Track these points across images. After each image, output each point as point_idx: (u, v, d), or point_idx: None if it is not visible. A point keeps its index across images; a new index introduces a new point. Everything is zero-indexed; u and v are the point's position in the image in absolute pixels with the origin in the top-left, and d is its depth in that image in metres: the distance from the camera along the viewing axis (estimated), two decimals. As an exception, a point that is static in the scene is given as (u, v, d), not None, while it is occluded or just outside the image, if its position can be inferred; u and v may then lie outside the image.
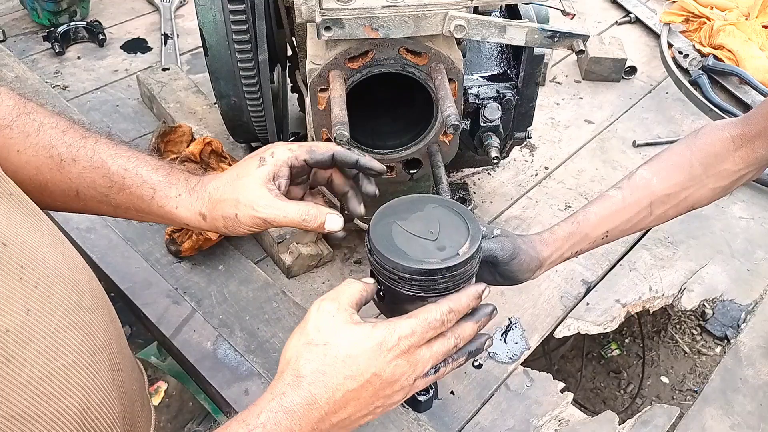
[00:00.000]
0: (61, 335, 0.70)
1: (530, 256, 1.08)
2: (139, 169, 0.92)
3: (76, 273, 0.77)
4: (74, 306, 0.73)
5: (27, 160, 0.90)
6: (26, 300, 0.67)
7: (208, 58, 1.36)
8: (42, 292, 0.69)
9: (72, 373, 0.70)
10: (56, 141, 0.91)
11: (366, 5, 1.02)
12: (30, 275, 0.68)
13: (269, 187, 0.87)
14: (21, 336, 0.65)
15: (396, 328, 0.78)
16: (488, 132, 1.34)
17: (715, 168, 1.12)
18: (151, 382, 2.39)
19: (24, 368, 0.64)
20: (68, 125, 0.93)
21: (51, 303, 0.70)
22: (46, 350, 0.67)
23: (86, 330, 0.74)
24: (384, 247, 0.93)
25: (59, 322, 0.70)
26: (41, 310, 0.68)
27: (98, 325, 0.77)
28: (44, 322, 0.68)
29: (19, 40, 2.17)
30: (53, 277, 0.72)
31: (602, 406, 2.10)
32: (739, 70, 2.06)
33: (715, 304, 1.51)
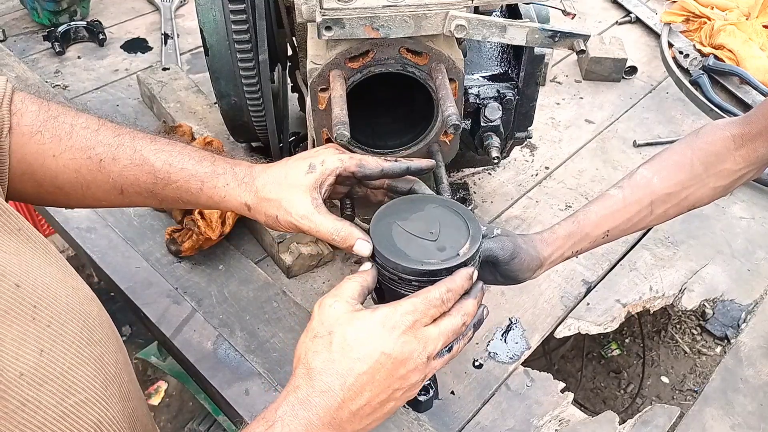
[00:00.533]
0: (74, 373, 0.69)
1: (531, 256, 1.08)
2: (184, 163, 0.93)
3: (86, 306, 0.76)
4: (86, 341, 0.72)
5: (65, 164, 0.90)
6: (39, 341, 0.65)
7: (209, 57, 1.36)
8: (54, 330, 0.68)
9: (84, 409, 0.69)
10: (92, 141, 0.91)
11: (366, 5, 1.01)
12: (42, 314, 0.67)
13: (313, 195, 0.90)
14: (35, 378, 0.63)
15: (397, 307, 0.79)
16: (489, 132, 1.34)
17: (715, 167, 1.12)
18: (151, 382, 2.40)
19: (39, 411, 0.63)
20: (99, 123, 0.92)
21: (63, 341, 0.69)
22: (59, 390, 0.66)
23: (98, 364, 0.73)
24: (384, 248, 0.93)
25: (72, 359, 0.69)
26: (54, 350, 0.67)
27: (109, 357, 0.76)
28: (57, 361, 0.67)
29: (19, 39, 2.17)
30: (65, 314, 0.71)
31: (602, 406, 2.10)
32: (740, 70, 2.06)
33: (715, 304, 1.51)
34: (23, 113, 0.89)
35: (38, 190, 0.88)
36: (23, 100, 0.90)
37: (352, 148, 1.22)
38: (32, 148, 0.88)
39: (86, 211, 1.52)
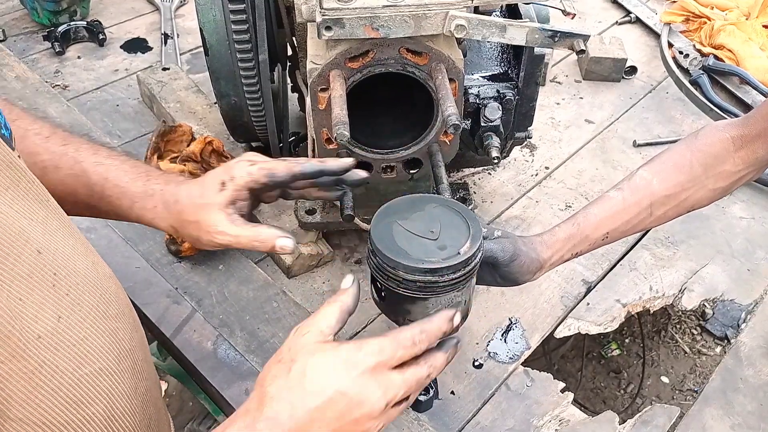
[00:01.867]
0: (90, 342, 0.70)
1: (530, 258, 1.08)
2: (118, 179, 0.94)
3: (104, 281, 0.78)
4: (102, 314, 0.74)
5: None
6: (58, 307, 0.67)
7: (209, 57, 1.36)
8: (73, 299, 0.70)
9: (99, 380, 0.70)
10: (40, 148, 0.91)
11: (366, 5, 1.02)
12: (62, 283, 0.69)
13: (227, 212, 0.92)
14: (52, 342, 0.65)
15: (362, 345, 0.75)
16: (489, 132, 1.34)
17: (715, 169, 1.12)
18: (151, 382, 2.38)
19: (55, 375, 0.65)
20: (51, 131, 0.93)
21: (81, 310, 0.70)
22: (75, 357, 0.68)
23: (113, 338, 0.74)
24: (385, 247, 0.93)
25: (88, 329, 0.71)
26: (71, 318, 0.69)
27: (124, 333, 0.77)
28: (74, 329, 0.68)
29: (19, 39, 2.17)
30: (83, 285, 0.72)
31: (602, 406, 2.10)
32: (740, 70, 2.06)
33: (715, 304, 1.51)
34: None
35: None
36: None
37: (351, 148, 1.23)
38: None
39: (86, 211, 1.52)
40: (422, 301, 0.97)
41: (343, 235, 1.54)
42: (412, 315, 0.99)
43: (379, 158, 1.26)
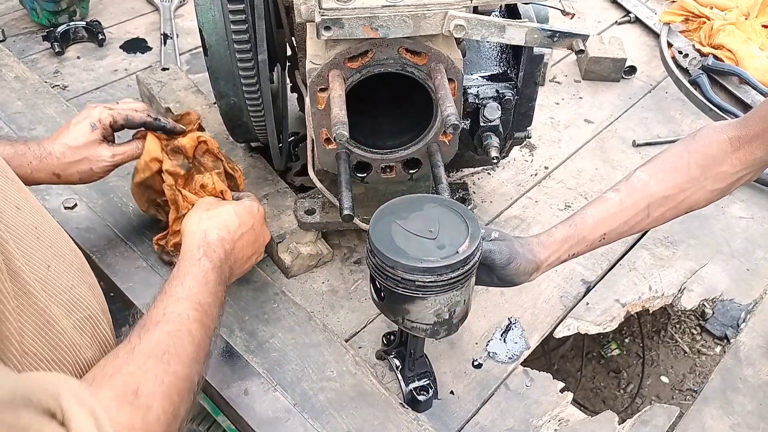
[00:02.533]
0: (77, 291, 0.75)
1: (527, 260, 1.08)
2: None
3: (70, 241, 0.83)
4: (80, 267, 0.80)
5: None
6: (45, 257, 0.72)
7: (208, 57, 1.36)
8: (56, 251, 0.75)
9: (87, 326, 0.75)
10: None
11: (365, 5, 1.02)
12: (44, 236, 0.74)
13: (107, 145, 1.24)
14: (47, 288, 0.69)
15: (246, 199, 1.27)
16: (488, 132, 1.34)
17: (712, 170, 1.11)
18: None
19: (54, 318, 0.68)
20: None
21: (64, 261, 0.76)
22: (67, 303, 0.72)
23: (92, 291, 0.80)
24: (384, 246, 0.94)
25: (73, 279, 0.76)
26: (58, 267, 0.74)
27: (98, 289, 0.84)
28: (62, 277, 0.73)
29: (19, 39, 2.17)
30: (59, 239, 0.78)
31: (602, 406, 2.10)
32: (739, 70, 2.06)
33: (714, 304, 1.51)
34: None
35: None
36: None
37: (351, 148, 1.23)
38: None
39: (86, 211, 1.52)
40: (421, 300, 0.97)
41: (342, 235, 1.54)
42: (411, 314, 0.99)
43: (378, 158, 1.26)
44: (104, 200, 1.56)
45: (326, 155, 1.23)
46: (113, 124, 1.24)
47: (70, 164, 1.20)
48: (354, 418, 1.16)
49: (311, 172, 1.34)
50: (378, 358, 1.31)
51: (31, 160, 1.17)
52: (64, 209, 1.52)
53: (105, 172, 1.25)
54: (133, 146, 1.26)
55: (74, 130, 1.22)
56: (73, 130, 1.22)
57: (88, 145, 1.21)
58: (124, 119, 1.25)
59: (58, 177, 1.21)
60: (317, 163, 1.30)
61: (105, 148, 1.23)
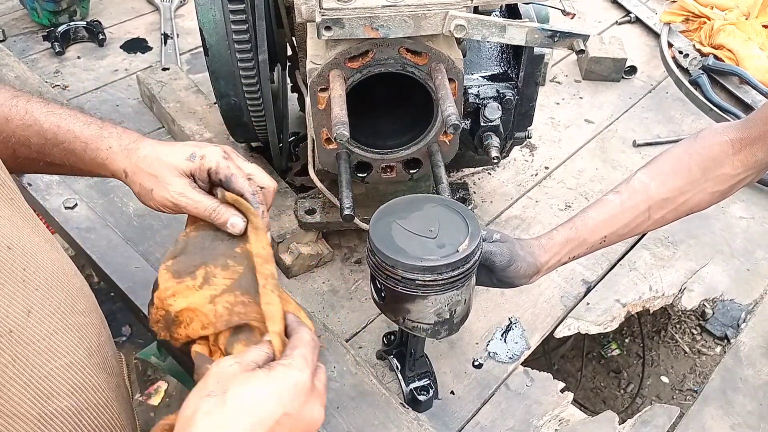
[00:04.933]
0: (59, 337, 0.71)
1: (527, 263, 1.08)
2: (71, 125, 0.95)
3: (71, 278, 0.79)
4: (70, 309, 0.75)
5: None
6: (27, 302, 0.68)
7: (208, 57, 1.36)
8: (42, 294, 0.71)
9: (69, 373, 0.71)
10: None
11: (366, 5, 1.02)
12: (32, 278, 0.70)
13: (188, 180, 0.94)
14: (23, 337, 0.66)
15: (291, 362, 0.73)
16: (488, 132, 1.34)
17: (713, 172, 1.11)
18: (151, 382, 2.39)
19: (26, 369, 0.66)
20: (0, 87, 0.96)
21: (50, 305, 0.71)
22: (45, 351, 0.68)
23: (81, 333, 0.75)
24: (384, 246, 0.94)
25: (57, 324, 0.71)
26: (41, 312, 0.69)
27: (92, 328, 0.78)
28: (43, 323, 0.69)
29: (19, 39, 2.17)
30: (51, 281, 0.73)
31: (602, 406, 2.10)
32: (739, 70, 2.06)
33: (715, 304, 1.51)
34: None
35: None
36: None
37: (351, 148, 1.23)
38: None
39: (86, 211, 1.52)
40: (422, 299, 0.97)
41: (342, 235, 1.54)
42: (411, 314, 0.99)
43: (378, 158, 1.26)
44: (104, 200, 1.56)
45: (327, 155, 1.23)
46: (212, 173, 0.94)
47: (141, 172, 0.95)
48: (354, 417, 1.16)
49: (312, 172, 1.34)
50: (378, 358, 1.31)
51: (113, 144, 0.96)
52: (65, 209, 1.52)
53: (162, 204, 0.95)
54: (210, 204, 0.92)
55: (176, 146, 0.97)
56: (174, 146, 0.97)
57: (171, 167, 0.93)
58: (226, 177, 0.94)
59: (125, 176, 0.96)
60: (318, 163, 1.30)
61: (180, 182, 0.93)
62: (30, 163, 0.98)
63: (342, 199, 1.15)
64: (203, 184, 0.95)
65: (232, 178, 0.94)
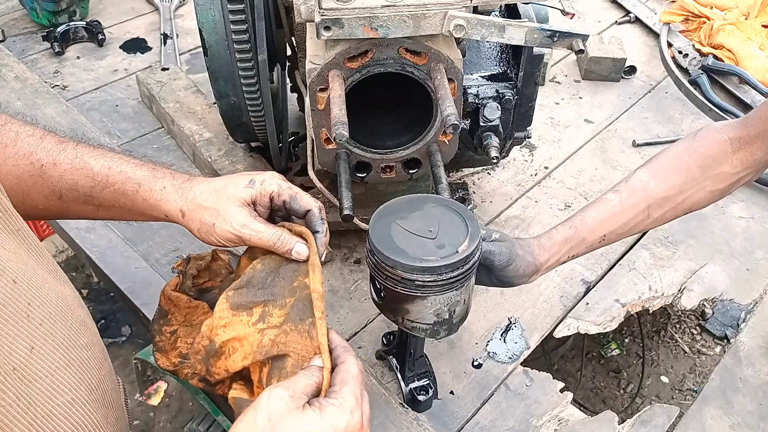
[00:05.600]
0: (62, 373, 0.70)
1: (527, 262, 1.08)
2: (123, 167, 0.94)
3: (74, 311, 0.78)
4: (72, 343, 0.74)
5: (8, 171, 0.91)
6: (31, 338, 0.67)
7: (208, 58, 1.36)
8: (46, 330, 0.69)
9: (71, 411, 0.70)
10: (35, 148, 0.92)
11: (365, 5, 1.01)
12: (36, 313, 0.69)
13: (249, 209, 0.92)
14: (26, 374, 0.65)
15: (341, 402, 0.74)
16: (488, 132, 1.34)
17: (712, 171, 1.11)
18: (151, 382, 2.40)
19: (30, 408, 0.64)
20: (44, 133, 0.94)
21: (53, 341, 0.70)
22: (48, 389, 0.67)
23: (83, 368, 0.74)
24: (384, 246, 0.94)
25: (60, 360, 0.70)
26: (44, 348, 0.68)
27: (93, 363, 0.77)
28: (46, 360, 0.68)
29: (19, 39, 2.17)
30: (55, 315, 0.72)
31: (602, 406, 2.10)
32: (739, 70, 2.06)
33: (714, 304, 1.51)
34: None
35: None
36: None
37: (350, 148, 1.23)
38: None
39: (85, 212, 1.52)
40: (421, 300, 0.97)
41: (342, 235, 1.54)
42: (411, 314, 0.99)
43: (378, 158, 1.26)
44: (104, 200, 1.56)
45: (326, 155, 1.23)
46: (274, 196, 0.93)
47: (200, 209, 0.92)
48: (354, 418, 1.16)
49: (311, 172, 1.34)
50: (378, 358, 1.31)
51: (167, 185, 0.94)
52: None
53: (225, 239, 0.92)
54: (273, 233, 0.90)
55: (232, 177, 0.96)
56: (229, 178, 0.96)
57: (232, 198, 0.91)
58: (290, 197, 0.93)
59: (183, 215, 0.93)
60: (317, 163, 1.30)
61: (246, 214, 0.91)
62: (78, 207, 0.96)
63: (341, 199, 1.15)
64: (264, 210, 0.94)
65: (297, 197, 0.93)
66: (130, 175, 0.93)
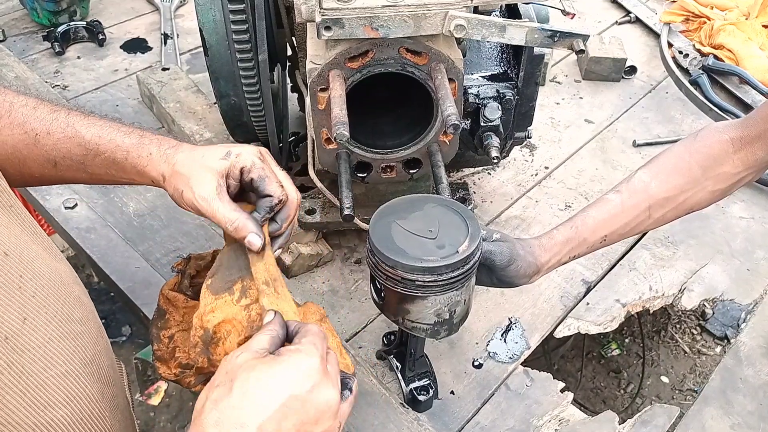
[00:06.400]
0: (55, 345, 0.70)
1: (528, 263, 1.08)
2: (112, 135, 0.95)
3: (69, 285, 0.79)
4: (66, 317, 0.74)
5: (3, 140, 0.92)
6: (23, 309, 0.68)
7: (208, 57, 1.36)
8: (38, 302, 0.70)
9: (65, 383, 0.70)
10: (29, 117, 0.93)
11: (366, 5, 1.01)
12: (28, 285, 0.70)
13: (219, 182, 0.91)
14: (18, 344, 0.66)
15: (300, 348, 0.73)
16: (488, 132, 1.34)
17: (714, 171, 1.11)
18: (151, 382, 2.40)
19: (22, 377, 0.65)
20: (37, 102, 0.96)
21: (46, 313, 0.71)
22: (41, 359, 0.68)
23: (77, 342, 0.75)
24: (384, 246, 0.94)
25: (53, 332, 0.71)
26: (37, 320, 0.69)
27: (88, 337, 0.78)
28: (39, 331, 0.69)
29: (19, 39, 2.17)
30: (48, 288, 0.73)
31: (602, 406, 2.10)
32: (739, 70, 2.06)
33: (715, 304, 1.51)
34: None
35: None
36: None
37: (351, 148, 1.23)
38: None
39: (86, 211, 1.52)
40: (421, 300, 0.97)
41: (342, 235, 1.54)
42: (411, 314, 0.99)
43: (378, 158, 1.26)
44: (104, 200, 1.56)
45: (326, 155, 1.23)
46: (244, 171, 0.93)
47: (177, 174, 0.92)
48: (354, 417, 1.16)
49: (311, 172, 1.34)
50: (378, 358, 1.31)
51: (152, 151, 0.94)
52: (65, 209, 1.52)
53: (189, 207, 0.92)
54: (230, 215, 0.89)
55: (212, 148, 0.95)
56: (211, 147, 0.96)
57: (204, 166, 0.91)
58: (259, 177, 0.93)
59: (163, 180, 0.94)
60: (317, 163, 1.30)
61: (212, 185, 0.90)
62: (72, 174, 0.98)
63: (342, 199, 1.15)
64: (234, 182, 0.94)
65: (265, 180, 0.93)
66: (119, 143, 0.95)
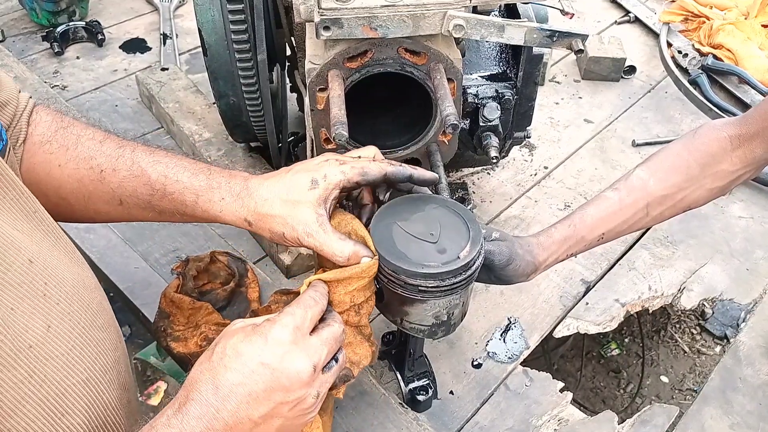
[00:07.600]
0: (77, 352, 0.71)
1: (526, 262, 1.08)
2: (179, 175, 0.92)
3: (91, 292, 0.78)
4: (89, 324, 0.74)
5: (69, 174, 0.90)
6: (48, 317, 0.68)
7: (207, 57, 1.36)
8: (62, 309, 0.70)
9: (85, 390, 0.71)
10: (95, 152, 0.91)
11: (365, 5, 1.01)
12: (52, 292, 0.69)
13: (318, 212, 0.88)
14: (42, 352, 0.66)
15: (276, 319, 0.76)
16: (487, 131, 1.34)
17: (712, 168, 1.11)
18: (150, 382, 2.40)
19: (43, 385, 0.65)
20: (105, 136, 0.93)
21: (70, 320, 0.71)
22: (63, 367, 0.68)
23: (98, 348, 0.75)
24: (385, 250, 0.93)
25: (76, 339, 0.71)
26: (61, 327, 0.69)
27: (109, 344, 0.78)
28: (63, 338, 0.69)
29: (18, 40, 2.17)
30: (72, 296, 0.73)
31: (602, 406, 2.10)
32: (739, 70, 2.06)
33: (714, 304, 1.51)
34: (38, 123, 0.90)
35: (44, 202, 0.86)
36: (39, 112, 0.92)
37: (350, 148, 1.22)
38: (40, 158, 0.90)
39: (85, 212, 1.52)
40: (421, 303, 0.96)
41: (342, 235, 1.54)
42: (410, 317, 0.99)
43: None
44: (104, 200, 1.56)
45: (326, 155, 1.23)
46: (346, 185, 0.90)
47: (266, 217, 0.89)
48: (353, 417, 1.16)
49: (311, 172, 1.34)
50: (378, 358, 1.31)
51: (225, 195, 0.91)
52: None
53: (296, 244, 0.90)
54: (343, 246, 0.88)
55: (290, 177, 0.91)
56: (289, 177, 0.91)
57: (296, 204, 0.88)
58: (361, 175, 0.90)
59: (249, 225, 0.91)
60: (317, 163, 1.30)
61: (313, 219, 0.87)
62: (140, 212, 0.95)
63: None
64: (333, 202, 0.91)
65: (367, 169, 0.91)
66: (187, 185, 0.92)
